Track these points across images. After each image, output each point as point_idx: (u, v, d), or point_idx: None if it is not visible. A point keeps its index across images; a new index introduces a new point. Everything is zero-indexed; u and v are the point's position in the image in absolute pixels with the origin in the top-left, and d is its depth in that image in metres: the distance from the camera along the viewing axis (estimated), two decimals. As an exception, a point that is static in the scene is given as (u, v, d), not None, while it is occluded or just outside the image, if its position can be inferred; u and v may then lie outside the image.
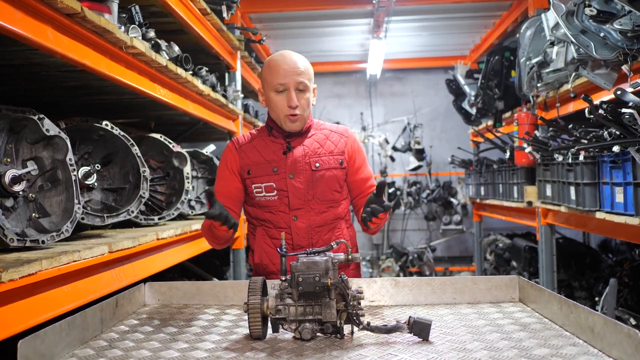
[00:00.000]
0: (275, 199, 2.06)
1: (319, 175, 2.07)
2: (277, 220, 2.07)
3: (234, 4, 3.93)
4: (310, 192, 2.06)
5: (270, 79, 2.05)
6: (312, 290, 1.41)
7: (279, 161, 2.07)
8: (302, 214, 2.06)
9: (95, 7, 2.12)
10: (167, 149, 3.05)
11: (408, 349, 1.35)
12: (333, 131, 2.18)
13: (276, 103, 2.05)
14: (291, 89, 2.02)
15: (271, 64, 2.07)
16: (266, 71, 2.08)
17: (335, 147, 2.13)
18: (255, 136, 2.16)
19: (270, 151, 2.10)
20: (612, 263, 4.55)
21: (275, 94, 2.05)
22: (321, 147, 2.11)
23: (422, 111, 8.45)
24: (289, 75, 2.02)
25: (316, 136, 2.14)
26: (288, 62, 2.05)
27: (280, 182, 2.05)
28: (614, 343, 1.22)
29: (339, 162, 2.11)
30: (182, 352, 1.36)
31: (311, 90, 2.09)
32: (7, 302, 1.53)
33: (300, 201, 2.05)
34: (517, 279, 1.81)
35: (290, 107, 2.02)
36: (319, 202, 2.07)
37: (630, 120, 2.48)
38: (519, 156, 4.62)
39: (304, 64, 2.07)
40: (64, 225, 1.92)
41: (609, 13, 2.74)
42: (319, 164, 2.08)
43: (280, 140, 2.11)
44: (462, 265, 8.28)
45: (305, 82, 2.04)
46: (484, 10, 6.12)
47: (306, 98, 2.06)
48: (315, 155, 2.09)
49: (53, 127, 1.93)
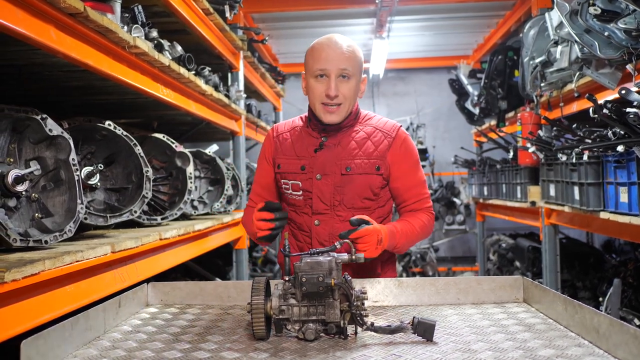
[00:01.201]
0: (301, 199, 1.93)
1: (348, 179, 1.88)
2: (300, 222, 1.95)
3: (237, 3, 3.93)
4: (337, 196, 1.89)
5: (311, 64, 1.87)
6: (316, 291, 1.40)
7: (309, 159, 1.92)
8: (325, 220, 1.90)
9: (98, 7, 2.11)
10: (169, 149, 3.05)
11: (412, 349, 1.34)
12: (378, 129, 1.95)
13: (314, 90, 1.87)
14: (332, 75, 1.84)
15: (315, 46, 1.89)
16: (309, 54, 1.90)
17: (375, 150, 1.91)
18: (295, 125, 2.01)
19: (303, 145, 1.94)
20: (616, 263, 4.54)
21: (315, 80, 1.87)
22: (359, 148, 1.91)
23: (425, 111, 8.44)
24: (331, 60, 1.83)
25: (357, 134, 1.94)
26: (333, 46, 1.85)
27: (307, 182, 1.91)
28: (619, 344, 1.21)
29: (376, 167, 1.90)
30: (184, 353, 1.35)
31: (358, 79, 1.90)
32: (10, 303, 1.53)
33: (325, 206, 1.90)
34: (522, 279, 1.80)
35: (328, 96, 1.84)
36: (345, 208, 1.90)
37: (635, 119, 2.47)
38: (522, 156, 4.61)
39: (351, 50, 1.87)
40: (67, 225, 1.91)
41: (613, 12, 2.73)
42: (350, 168, 1.89)
43: (316, 134, 1.94)
44: (465, 266, 8.26)
45: (349, 69, 1.85)
46: (487, 10, 6.12)
47: (350, 87, 1.86)
48: (350, 157, 1.90)
49: (56, 127, 1.92)
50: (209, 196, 3.70)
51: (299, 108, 8.25)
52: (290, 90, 8.16)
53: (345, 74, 1.85)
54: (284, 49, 7.23)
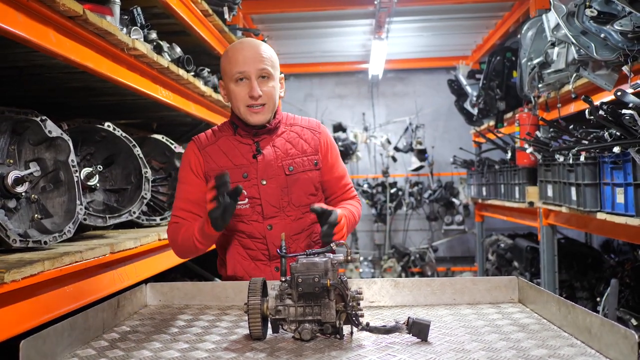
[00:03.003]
0: (247, 207, 1.89)
1: (293, 179, 1.91)
2: (250, 230, 1.91)
3: (236, 5, 3.94)
4: (285, 198, 1.90)
5: (229, 69, 1.87)
6: (312, 291, 1.42)
7: (249, 166, 1.90)
8: (277, 222, 1.90)
9: (97, 9, 2.13)
10: (169, 149, 3.06)
11: (407, 349, 1.36)
12: (305, 127, 2.00)
13: (236, 94, 1.86)
14: (252, 77, 1.85)
15: (230, 52, 1.90)
16: (225, 61, 1.90)
17: (309, 146, 1.96)
18: (220, 135, 1.96)
19: (238, 154, 1.91)
20: (614, 263, 4.55)
21: (235, 84, 1.86)
22: (293, 147, 1.95)
23: (424, 111, 8.45)
24: (249, 62, 1.84)
25: (287, 134, 1.96)
26: (248, 49, 1.87)
27: (252, 189, 1.88)
28: (611, 344, 1.23)
29: (314, 162, 1.96)
30: (182, 353, 1.37)
31: (277, 79, 1.91)
32: (10, 303, 1.54)
33: (275, 209, 1.90)
34: (517, 279, 1.82)
35: (252, 97, 1.84)
36: (294, 208, 1.91)
37: (631, 121, 2.49)
38: (520, 157, 4.63)
39: (266, 51, 1.89)
40: (66, 226, 1.93)
41: (609, 14, 2.74)
42: (292, 167, 1.92)
43: (247, 140, 1.93)
44: (464, 266, 8.28)
45: (268, 68, 1.86)
46: (485, 11, 6.13)
47: (270, 87, 1.88)
48: (288, 157, 1.92)
49: (55, 128, 1.94)
50: (208, 197, 3.71)
51: (299, 108, 8.28)
52: (289, 91, 8.17)
53: (265, 74, 1.87)
54: (283, 50, 7.25)
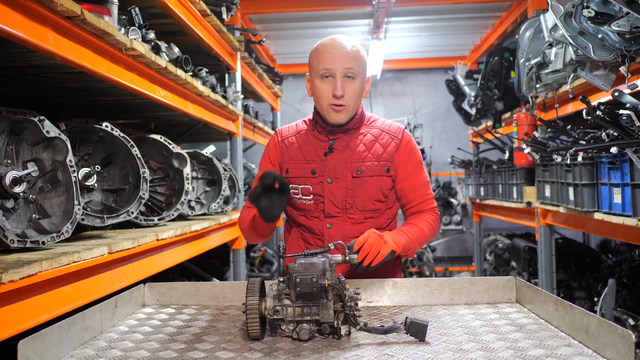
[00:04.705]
0: (311, 203, 1.91)
1: (360, 182, 1.89)
2: (311, 225, 1.93)
3: (234, 5, 3.95)
4: (348, 199, 1.89)
5: (316, 64, 1.87)
6: (310, 291, 1.42)
7: (319, 163, 1.91)
8: (337, 223, 1.90)
9: (95, 10, 2.13)
10: (167, 149, 3.06)
11: (404, 349, 1.36)
12: (385, 131, 1.96)
13: (320, 91, 1.87)
14: (338, 75, 1.84)
15: (319, 47, 1.89)
16: (313, 55, 1.90)
17: (384, 151, 1.93)
18: (300, 129, 2.00)
19: (311, 149, 1.93)
20: (612, 263, 4.56)
21: (320, 80, 1.86)
22: (367, 150, 1.92)
23: (422, 111, 8.46)
24: (336, 59, 1.83)
25: (364, 137, 1.94)
26: (337, 46, 1.85)
27: (318, 186, 1.90)
28: (607, 344, 1.23)
29: (386, 169, 1.92)
30: (180, 353, 1.37)
31: (363, 79, 1.90)
32: (7, 303, 1.54)
33: (337, 209, 1.90)
34: (514, 279, 1.82)
35: (335, 97, 1.84)
36: (357, 211, 1.90)
37: (628, 121, 2.50)
38: (518, 157, 4.64)
39: (355, 49, 1.87)
40: (64, 226, 1.93)
41: (606, 14, 2.75)
42: (361, 170, 1.89)
43: (323, 137, 1.94)
44: (462, 266, 8.29)
45: (354, 68, 1.85)
46: (483, 11, 6.14)
47: (355, 87, 1.86)
48: (360, 159, 1.90)
49: (53, 128, 1.94)
50: (206, 197, 3.72)
51: (297, 108, 8.28)
52: (287, 91, 8.17)
53: (351, 74, 1.85)
54: (282, 50, 7.25)
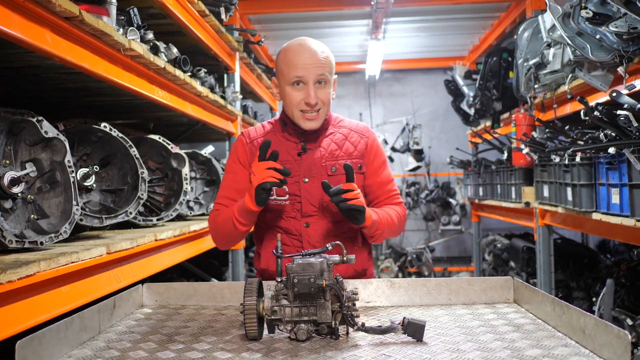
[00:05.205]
0: (287, 203, 1.92)
1: (335, 180, 1.89)
2: (287, 226, 1.93)
3: (233, 5, 3.95)
4: (325, 198, 1.88)
5: (286, 71, 1.86)
6: (308, 292, 1.42)
7: (293, 163, 1.92)
8: (314, 222, 1.92)
9: (93, 10, 2.13)
10: (165, 150, 3.06)
11: (402, 349, 1.36)
12: (353, 130, 2.00)
13: (292, 98, 1.86)
14: (310, 83, 1.84)
15: (288, 54, 1.87)
16: (282, 61, 1.88)
17: (355, 149, 1.97)
18: (268, 130, 1.99)
19: (284, 150, 1.92)
20: (610, 264, 4.57)
21: (291, 87, 1.86)
22: (339, 149, 1.95)
23: (421, 112, 8.47)
24: (308, 67, 1.83)
25: (334, 136, 1.97)
26: (308, 53, 1.84)
27: (294, 186, 1.90)
28: (604, 344, 1.24)
29: (358, 166, 1.96)
30: (178, 353, 1.37)
31: (332, 83, 1.90)
32: (6, 303, 1.54)
33: (314, 208, 1.91)
34: (512, 280, 1.82)
35: (308, 104, 1.85)
36: (334, 209, 1.88)
37: (626, 122, 2.50)
38: (516, 157, 4.64)
39: (325, 55, 1.86)
40: (63, 226, 1.93)
41: (604, 15, 2.75)
42: (335, 169, 1.92)
43: (294, 138, 1.95)
44: (461, 266, 8.29)
45: (326, 75, 1.85)
46: (482, 12, 6.14)
47: (326, 92, 1.87)
48: (332, 158, 1.93)
49: (52, 129, 1.94)
50: (204, 197, 3.72)
51: (296, 109, 8.28)
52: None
53: (322, 80, 1.86)
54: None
